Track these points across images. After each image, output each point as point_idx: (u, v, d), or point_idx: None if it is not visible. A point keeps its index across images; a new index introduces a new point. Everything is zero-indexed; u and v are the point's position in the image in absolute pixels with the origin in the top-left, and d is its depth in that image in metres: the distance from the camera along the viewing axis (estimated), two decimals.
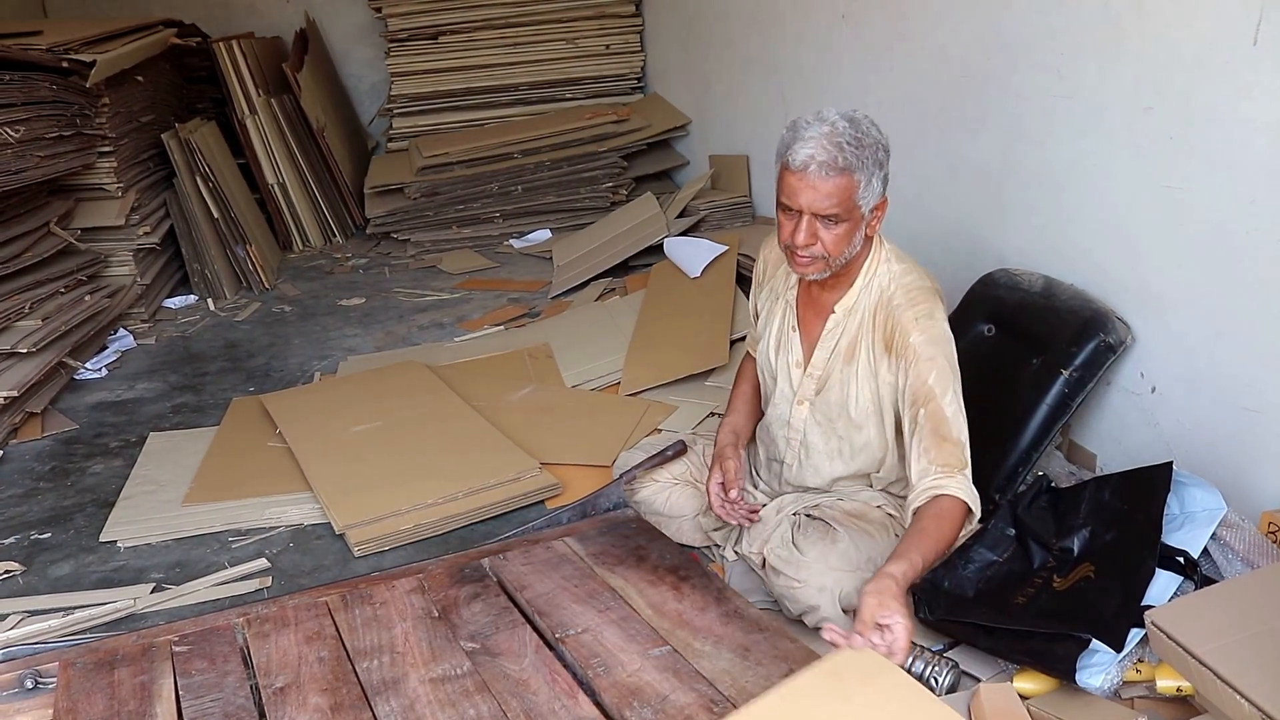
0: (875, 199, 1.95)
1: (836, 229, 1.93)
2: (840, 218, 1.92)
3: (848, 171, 1.88)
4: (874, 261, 2.08)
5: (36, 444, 3.40)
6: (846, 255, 1.99)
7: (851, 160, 1.87)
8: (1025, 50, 2.70)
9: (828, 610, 2.01)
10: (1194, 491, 2.10)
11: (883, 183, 1.95)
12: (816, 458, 2.23)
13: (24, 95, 3.86)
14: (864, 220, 1.96)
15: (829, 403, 2.16)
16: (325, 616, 2.01)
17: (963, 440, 1.98)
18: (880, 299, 2.05)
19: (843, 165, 1.87)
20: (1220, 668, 1.58)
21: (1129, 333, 2.44)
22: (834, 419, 2.17)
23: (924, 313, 2.01)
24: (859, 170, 1.88)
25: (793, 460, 2.28)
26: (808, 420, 2.21)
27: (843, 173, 1.88)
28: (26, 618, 2.42)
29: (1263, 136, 2.04)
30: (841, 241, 1.95)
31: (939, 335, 2.00)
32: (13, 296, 3.69)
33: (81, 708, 1.77)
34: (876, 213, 1.99)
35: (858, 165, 1.88)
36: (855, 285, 2.08)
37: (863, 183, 1.90)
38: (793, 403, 2.23)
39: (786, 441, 2.28)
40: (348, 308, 4.62)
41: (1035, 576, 2.09)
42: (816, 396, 2.18)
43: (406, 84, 5.87)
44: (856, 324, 2.09)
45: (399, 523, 2.64)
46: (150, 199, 4.71)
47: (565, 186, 5.39)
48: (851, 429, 2.16)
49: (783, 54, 4.18)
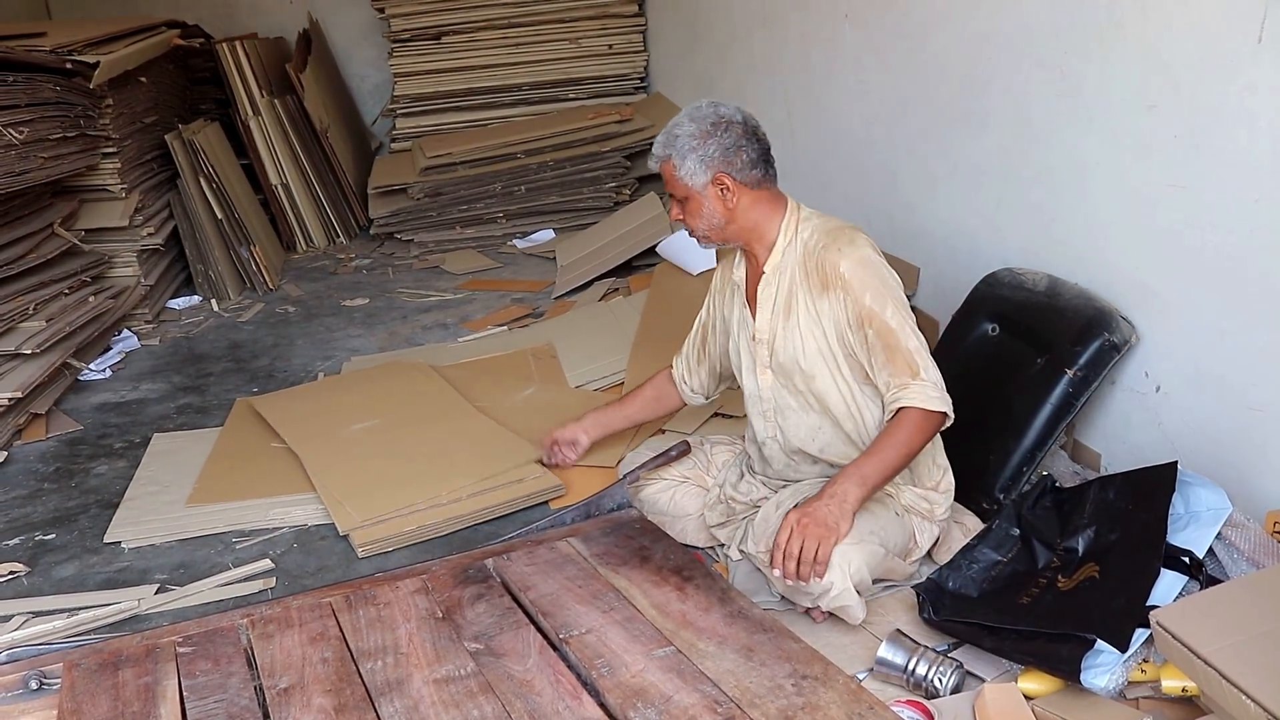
0: (703, 176, 2.15)
1: (688, 206, 2.21)
2: (681, 195, 2.20)
3: (666, 159, 2.19)
4: (791, 221, 2.23)
5: (41, 445, 3.40)
6: (709, 226, 2.21)
7: (666, 149, 2.19)
8: (1028, 49, 2.69)
9: (840, 586, 2.01)
10: (1199, 491, 2.10)
11: (705, 162, 2.15)
12: (793, 418, 2.30)
13: (28, 96, 3.86)
14: (704, 195, 2.17)
15: (782, 362, 2.26)
16: (329, 617, 2.01)
17: (910, 346, 2.10)
18: (806, 250, 2.20)
19: (660, 154, 2.20)
20: (1226, 668, 1.58)
21: (1133, 332, 2.44)
22: (791, 375, 2.26)
23: (846, 241, 2.16)
24: (674, 155, 2.17)
25: (774, 431, 2.33)
26: (774, 386, 2.30)
27: (663, 160, 2.20)
28: (31, 619, 2.42)
29: (1267, 134, 2.03)
30: (695, 215, 2.21)
31: (864, 258, 2.13)
32: (17, 298, 3.70)
33: (86, 709, 1.77)
34: (719, 187, 2.17)
35: (672, 151, 2.17)
36: (777, 245, 2.23)
37: (679, 164, 2.16)
38: (756, 374, 2.31)
39: (763, 416, 2.34)
40: (351, 308, 4.63)
41: (1040, 577, 2.09)
42: (771, 360, 2.27)
43: (409, 84, 5.87)
44: (788, 278, 2.21)
45: (403, 523, 2.65)
46: (154, 200, 4.71)
47: (568, 187, 5.39)
48: (807, 379, 2.23)
49: (785, 54, 4.17)
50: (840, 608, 2.05)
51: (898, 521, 2.18)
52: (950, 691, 1.89)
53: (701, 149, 2.14)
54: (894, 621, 2.11)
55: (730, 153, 2.14)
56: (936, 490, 2.27)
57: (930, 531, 2.26)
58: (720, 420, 3.08)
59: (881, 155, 3.50)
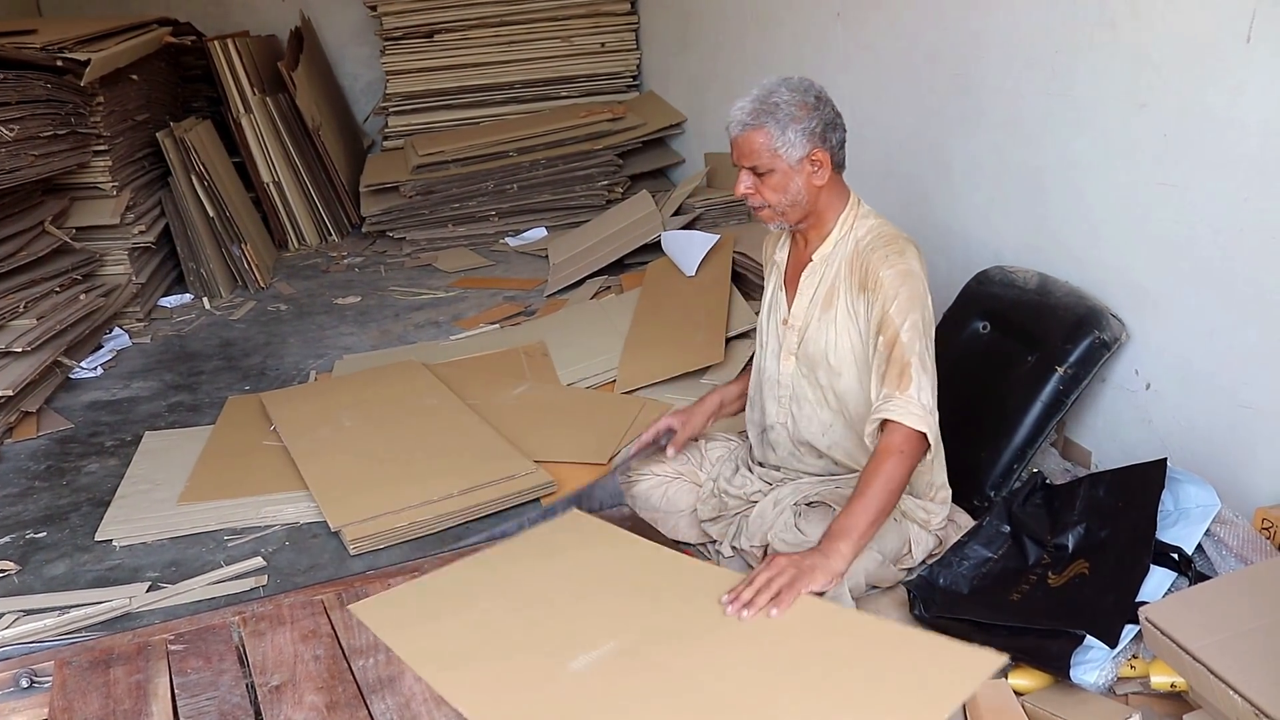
0: (799, 150, 2.06)
1: (769, 179, 2.09)
2: (766, 167, 2.08)
3: (760, 127, 2.06)
4: (850, 215, 2.18)
5: (32, 443, 3.39)
6: (788, 202, 2.12)
7: (763, 118, 2.05)
8: (1020, 48, 2.70)
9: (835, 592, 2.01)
10: (1188, 488, 2.11)
11: (807, 135, 2.06)
12: (807, 409, 2.26)
13: (18, 94, 3.85)
14: (794, 170, 2.08)
15: (809, 353, 2.22)
16: (321, 615, 2.01)
17: (911, 363, 2.02)
18: (857, 248, 2.15)
19: (754, 122, 2.06)
20: (1214, 663, 1.59)
21: (1124, 330, 2.45)
22: (815, 367, 2.22)
23: (895, 251, 2.11)
24: (770, 124, 2.05)
25: (785, 418, 2.30)
26: (794, 374, 2.26)
27: (755, 128, 2.06)
28: (22, 617, 2.42)
29: (1256, 134, 2.04)
30: (777, 190, 2.10)
31: (906, 271, 2.08)
32: (7, 295, 3.69)
33: (77, 707, 1.77)
34: (810, 164, 2.09)
35: (769, 120, 2.05)
36: (831, 236, 2.18)
37: (775, 134, 2.05)
38: (780, 358, 2.28)
39: (778, 401, 2.31)
40: (343, 306, 4.62)
41: (1030, 573, 2.10)
42: (799, 348, 2.23)
43: (401, 82, 5.87)
44: (834, 272, 2.17)
45: (394, 520, 2.64)
46: (145, 198, 4.70)
47: (561, 185, 5.39)
48: (832, 376, 2.20)
49: (778, 52, 4.18)
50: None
51: (895, 528, 2.18)
52: None
53: (805, 121, 2.05)
54: (886, 618, 2.11)
55: (829, 130, 2.09)
56: (934, 500, 2.27)
57: (926, 542, 2.25)
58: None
59: (873, 154, 3.50)
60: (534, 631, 1.82)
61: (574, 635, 1.78)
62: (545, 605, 1.90)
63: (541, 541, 2.17)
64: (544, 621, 1.84)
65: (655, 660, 1.69)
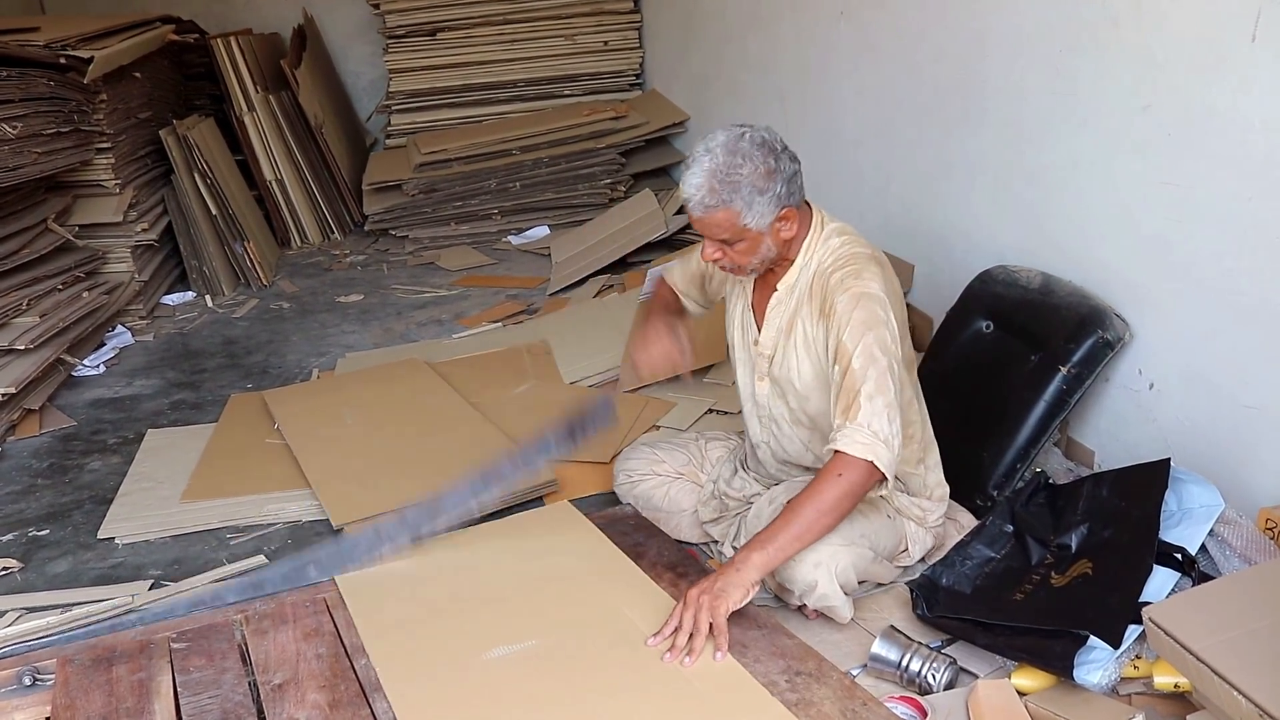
0: (769, 216, 1.98)
1: (738, 246, 2.02)
2: (735, 239, 2.00)
3: (724, 206, 1.95)
4: (814, 239, 2.12)
5: (34, 441, 3.39)
6: (759, 260, 2.06)
7: (725, 196, 1.94)
8: (1023, 48, 2.70)
9: (825, 586, 2.01)
10: (1192, 488, 2.11)
11: (774, 200, 1.97)
12: (785, 428, 2.27)
13: (21, 91, 3.85)
14: (764, 234, 2.01)
15: (778, 377, 2.21)
16: (323, 613, 2.01)
17: (859, 388, 1.94)
18: (818, 272, 2.10)
19: (715, 203, 1.95)
20: (1218, 664, 1.58)
21: (1127, 329, 2.45)
22: (786, 392, 2.21)
23: (850, 273, 2.04)
24: (735, 201, 1.94)
25: (768, 438, 2.31)
26: (770, 395, 2.25)
27: (719, 208, 1.95)
28: (24, 614, 2.42)
29: (1261, 133, 2.04)
30: (748, 254, 2.03)
31: (860, 292, 2.01)
32: (10, 293, 3.68)
33: (80, 705, 1.77)
34: (781, 223, 2.02)
35: (733, 198, 1.94)
36: (796, 263, 2.13)
37: (743, 210, 1.95)
38: (754, 378, 2.27)
39: (759, 420, 2.31)
40: (346, 304, 4.62)
41: (1033, 573, 2.09)
42: (769, 370, 2.22)
43: (404, 80, 5.86)
44: (795, 300, 2.14)
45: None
46: (148, 195, 4.70)
47: (563, 183, 5.38)
48: (801, 400, 2.19)
49: (781, 51, 4.17)
50: (827, 608, 2.05)
51: (889, 525, 2.18)
52: (944, 688, 1.90)
53: (770, 189, 1.96)
54: (888, 618, 2.12)
55: (792, 183, 2.00)
56: (930, 499, 2.27)
57: (923, 540, 2.25)
58: (716, 416, 3.09)
59: (877, 153, 3.50)
60: (472, 619, 2.00)
61: (501, 627, 1.94)
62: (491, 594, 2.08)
63: (520, 529, 2.38)
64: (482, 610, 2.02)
65: (563, 666, 1.83)
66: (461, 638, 1.92)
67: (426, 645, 1.90)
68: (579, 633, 1.92)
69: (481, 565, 2.21)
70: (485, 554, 2.25)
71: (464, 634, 1.93)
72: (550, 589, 2.07)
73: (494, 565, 2.20)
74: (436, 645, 1.90)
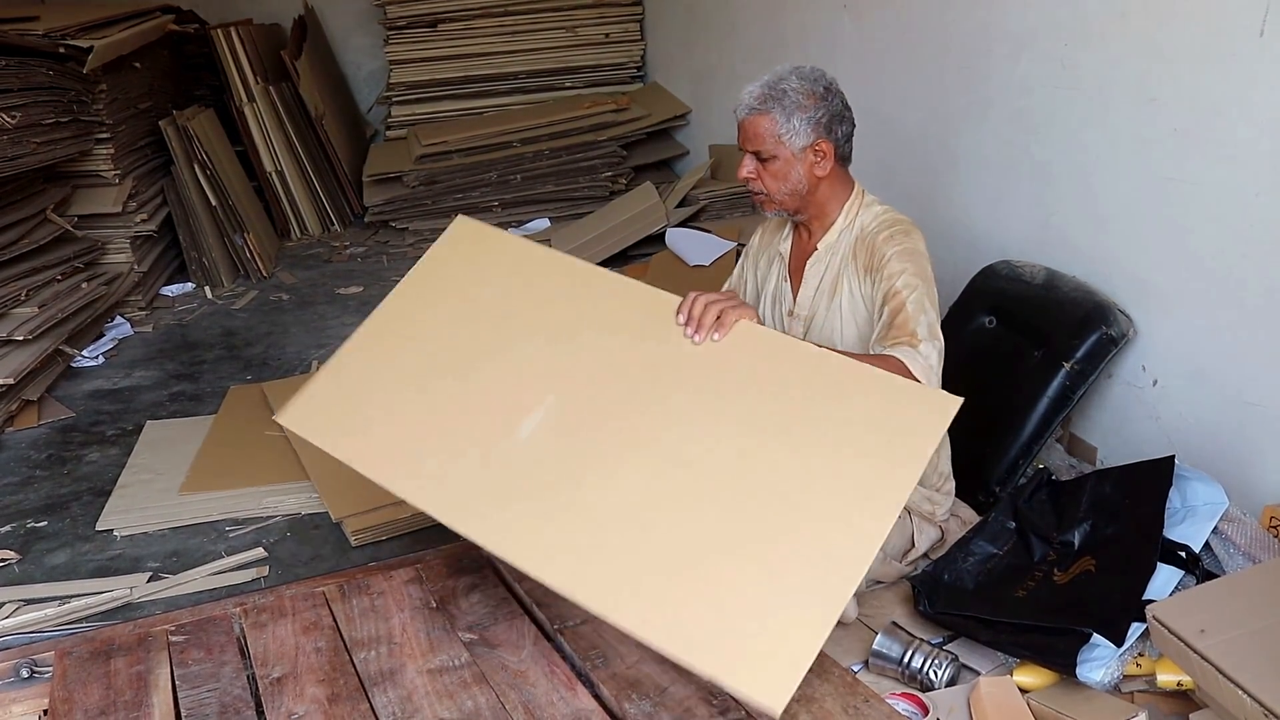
0: (803, 139, 2.07)
1: (771, 166, 2.10)
2: (769, 154, 2.09)
3: (765, 113, 2.07)
4: (855, 204, 2.19)
5: (33, 432, 3.39)
6: (787, 191, 2.12)
7: (770, 104, 2.07)
8: (1029, 41, 2.68)
9: None
10: (1195, 485, 2.10)
11: (812, 125, 2.07)
12: None
13: (20, 81, 3.83)
14: (796, 158, 2.09)
15: (815, 342, 2.16)
16: (323, 606, 2.00)
17: (916, 329, 1.97)
18: (862, 234, 2.16)
19: (760, 106, 2.07)
20: (1221, 662, 1.58)
21: (1131, 325, 2.44)
22: None
23: (900, 232, 2.12)
24: (777, 111, 2.06)
25: None
26: None
27: (761, 113, 2.07)
28: (22, 606, 2.42)
29: (1268, 129, 2.03)
30: (778, 178, 2.11)
31: (911, 249, 2.09)
32: (9, 283, 3.68)
33: (77, 697, 1.76)
34: (813, 154, 2.10)
35: (775, 106, 2.06)
36: (836, 224, 2.19)
37: (781, 121, 2.06)
38: None
39: None
40: (346, 296, 4.61)
41: (1035, 570, 2.09)
42: (804, 337, 2.21)
43: (405, 72, 5.85)
44: (839, 260, 2.17)
45: (396, 512, 2.63)
46: (147, 186, 4.69)
47: (564, 176, 5.37)
48: None
49: (785, 44, 4.16)
50: None
51: (899, 523, 2.17)
52: (945, 684, 1.89)
53: (812, 110, 2.06)
54: (889, 614, 2.11)
55: (835, 122, 2.09)
56: (939, 491, 2.26)
57: (930, 534, 2.24)
58: None
59: (880, 147, 3.48)
60: (469, 402, 1.67)
61: (507, 397, 1.64)
62: (471, 363, 1.74)
63: (445, 272, 1.94)
64: (475, 387, 1.70)
65: (605, 411, 1.54)
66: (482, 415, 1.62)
67: (445, 458, 1.66)
68: (592, 364, 1.65)
69: (432, 334, 1.84)
70: (427, 321, 1.87)
71: (477, 426, 1.64)
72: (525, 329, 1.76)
73: (447, 329, 1.84)
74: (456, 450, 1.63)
